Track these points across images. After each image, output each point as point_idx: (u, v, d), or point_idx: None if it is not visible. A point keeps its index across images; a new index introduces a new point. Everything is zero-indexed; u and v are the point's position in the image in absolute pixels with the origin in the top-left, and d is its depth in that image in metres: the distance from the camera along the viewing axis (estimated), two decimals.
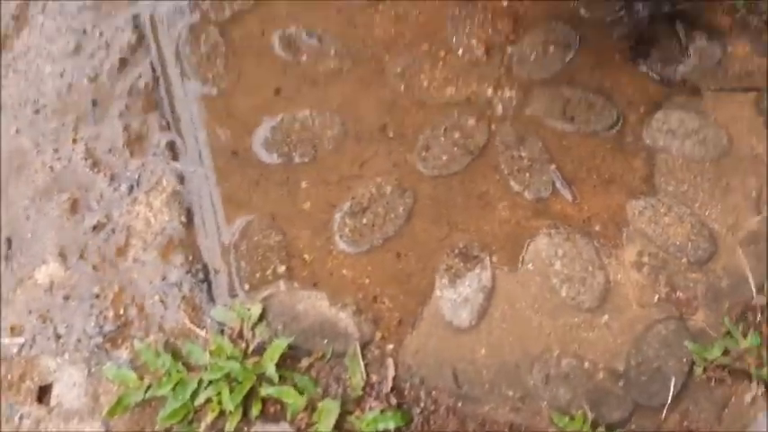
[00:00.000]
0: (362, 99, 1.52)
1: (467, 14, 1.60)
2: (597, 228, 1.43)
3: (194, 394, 1.21)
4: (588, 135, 1.50)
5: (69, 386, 1.25)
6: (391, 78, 1.54)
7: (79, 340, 1.29)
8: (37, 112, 1.48)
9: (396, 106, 1.52)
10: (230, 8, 1.56)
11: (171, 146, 1.45)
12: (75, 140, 1.46)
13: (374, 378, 1.26)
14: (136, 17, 1.56)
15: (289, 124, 1.48)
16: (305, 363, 1.27)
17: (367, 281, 1.37)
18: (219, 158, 1.45)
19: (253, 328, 1.28)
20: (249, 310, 1.30)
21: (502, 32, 1.59)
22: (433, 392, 1.26)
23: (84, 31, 1.55)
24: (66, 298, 1.34)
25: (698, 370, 1.29)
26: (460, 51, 1.57)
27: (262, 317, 1.30)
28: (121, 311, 1.33)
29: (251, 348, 1.25)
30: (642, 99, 1.54)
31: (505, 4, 1.61)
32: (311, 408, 1.22)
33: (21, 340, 1.29)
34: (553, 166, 1.47)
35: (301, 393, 1.22)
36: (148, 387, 1.22)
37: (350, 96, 1.52)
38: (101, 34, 1.55)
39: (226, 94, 1.50)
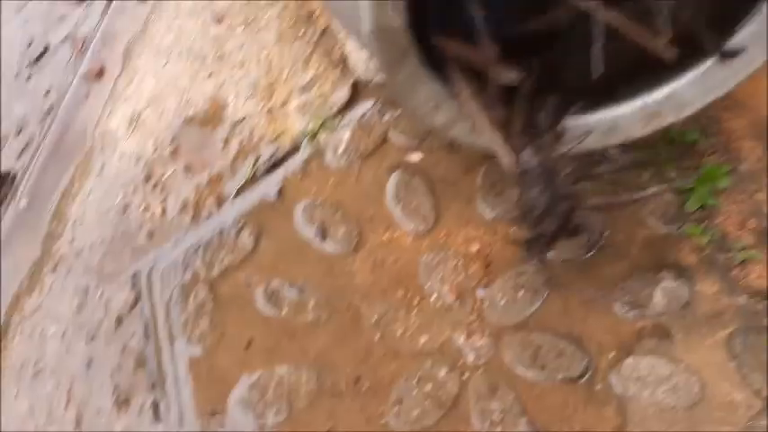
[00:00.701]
0: (338, 350, 1.59)
1: (439, 260, 1.69)
2: None
3: None
4: (559, 384, 1.52)
5: None
6: (367, 327, 1.62)
7: None
8: (36, 374, 1.60)
9: (371, 356, 1.58)
10: (219, 265, 1.69)
11: (155, 406, 1.53)
12: (67, 403, 1.55)
13: None
14: (135, 275, 1.71)
15: (266, 381, 1.55)
16: None
17: None
18: (199, 420, 1.51)
19: None
20: None
21: (473, 277, 1.67)
22: None
23: (87, 291, 1.69)
24: None
25: None
26: (434, 297, 1.65)
27: None
28: None
29: None
30: (612, 344, 1.56)
31: (475, 249, 1.70)
32: None
33: None
34: (525, 419, 1.48)
35: None
36: None
37: (326, 348, 1.59)
38: (102, 294, 1.69)
39: (209, 352, 1.59)
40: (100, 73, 2.14)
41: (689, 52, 1.28)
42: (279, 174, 1.83)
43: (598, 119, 1.43)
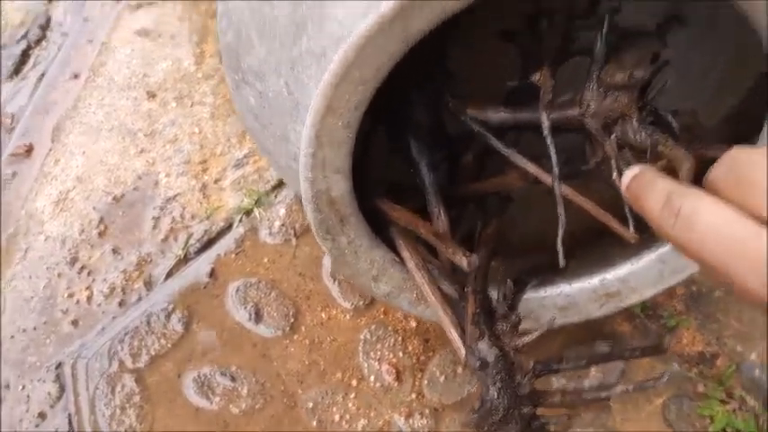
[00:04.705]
0: None
1: (378, 338, 1.67)
2: None
3: None
4: None
5: None
6: (303, 414, 1.57)
7: None
8: None
9: None
10: (147, 353, 1.63)
11: None
12: None
13: None
14: (59, 366, 1.63)
15: None
16: None
17: None
18: None
19: None
20: None
21: (412, 354, 1.65)
22: None
23: (8, 386, 1.60)
24: None
25: None
26: (372, 378, 1.62)
27: None
28: None
29: None
30: (550, 418, 1.55)
31: (414, 324, 1.68)
32: None
33: None
34: None
35: None
36: None
37: None
38: (23, 388, 1.60)
39: None
40: (28, 151, 2.09)
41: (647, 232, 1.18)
42: (211, 253, 1.79)
43: (552, 294, 1.33)
